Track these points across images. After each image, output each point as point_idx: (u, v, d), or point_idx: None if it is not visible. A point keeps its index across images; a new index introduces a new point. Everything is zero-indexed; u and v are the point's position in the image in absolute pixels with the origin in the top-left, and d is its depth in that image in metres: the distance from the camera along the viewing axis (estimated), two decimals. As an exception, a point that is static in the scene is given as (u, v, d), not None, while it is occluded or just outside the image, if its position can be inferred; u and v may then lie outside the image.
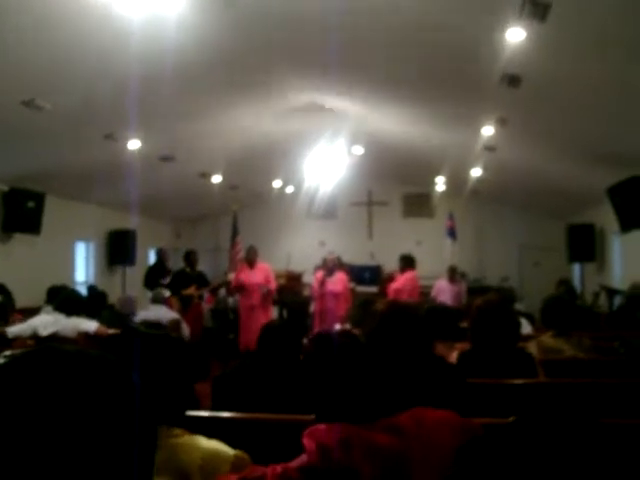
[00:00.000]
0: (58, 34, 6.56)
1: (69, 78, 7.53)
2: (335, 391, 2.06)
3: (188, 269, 11.64)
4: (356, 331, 3.59)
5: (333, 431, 1.92)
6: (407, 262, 11.67)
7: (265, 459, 2.06)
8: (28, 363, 0.92)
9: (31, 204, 10.67)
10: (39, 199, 10.83)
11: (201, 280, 11.64)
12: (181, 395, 2.16)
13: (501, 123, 9.39)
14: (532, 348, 4.70)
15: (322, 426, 1.97)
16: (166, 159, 11.61)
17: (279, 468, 1.90)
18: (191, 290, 11.08)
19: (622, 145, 9.11)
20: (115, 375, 0.96)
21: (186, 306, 10.72)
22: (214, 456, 2.07)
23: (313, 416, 2.56)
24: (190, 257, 11.78)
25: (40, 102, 7.84)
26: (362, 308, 4.75)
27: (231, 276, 12.01)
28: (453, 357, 4.16)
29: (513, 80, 7.53)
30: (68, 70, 7.33)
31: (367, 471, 1.81)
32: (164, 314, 8.03)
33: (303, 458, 1.90)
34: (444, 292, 12.37)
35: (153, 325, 2.11)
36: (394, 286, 11.38)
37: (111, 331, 6.49)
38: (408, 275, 11.49)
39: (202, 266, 12.86)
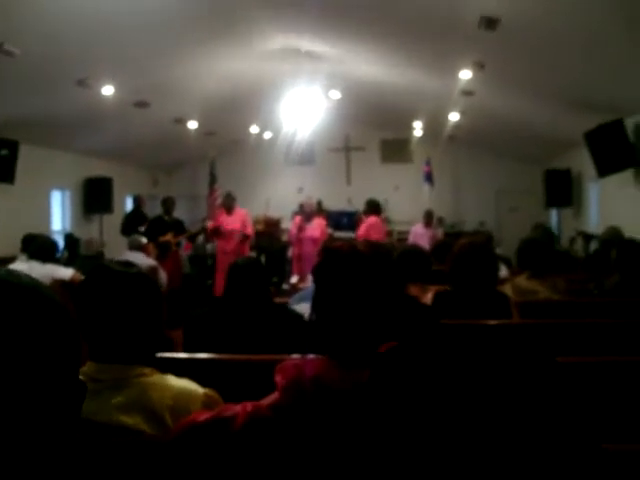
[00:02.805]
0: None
1: (39, 22, 7.35)
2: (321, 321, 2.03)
3: (166, 216, 11.56)
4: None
5: (306, 367, 1.89)
6: (371, 207, 11.28)
7: (237, 399, 2.06)
8: None
9: (4, 152, 10.49)
10: (12, 147, 10.64)
11: (178, 227, 11.56)
12: (151, 335, 2.15)
13: (479, 67, 9.31)
14: (507, 290, 4.74)
15: (294, 362, 1.95)
16: (141, 105, 11.45)
17: (250, 406, 1.88)
18: (168, 237, 11.02)
19: (599, 90, 9.11)
20: (38, 305, 0.93)
21: (164, 253, 10.68)
22: (184, 395, 2.06)
23: (284, 356, 2.55)
24: (167, 203, 11.67)
25: (9, 47, 7.67)
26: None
27: (209, 223, 11.95)
28: (427, 298, 4.18)
29: (490, 22, 7.45)
30: (37, 14, 7.16)
31: (339, 408, 1.80)
32: (141, 260, 7.98)
33: (275, 395, 1.89)
34: (421, 237, 12.36)
35: (125, 264, 2.07)
36: (360, 232, 11.06)
37: (87, 277, 6.45)
38: (371, 221, 11.06)
39: (180, 213, 12.79)
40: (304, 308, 3.75)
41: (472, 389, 0.70)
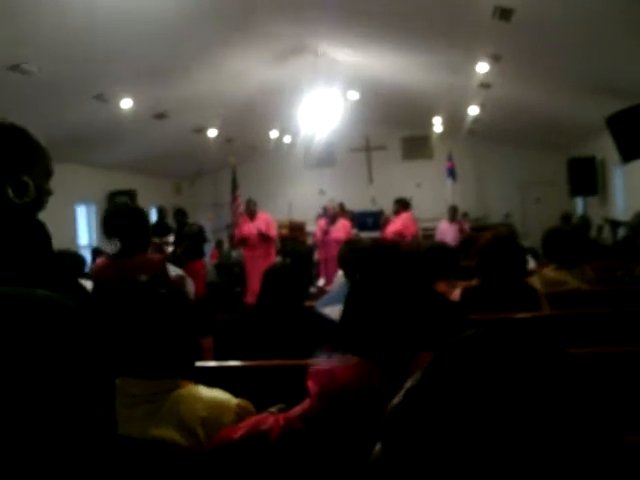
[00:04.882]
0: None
1: (53, 39, 7.41)
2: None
3: (186, 228, 11.42)
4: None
5: (339, 373, 1.82)
6: (401, 204, 11.88)
7: (270, 405, 2.04)
8: None
9: (27, 169, 10.56)
10: (35, 164, 10.70)
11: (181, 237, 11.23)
12: (183, 348, 2.15)
13: (495, 59, 9.26)
14: (535, 282, 4.68)
15: (327, 367, 1.88)
16: (160, 116, 11.52)
17: (282, 419, 1.83)
18: (178, 251, 10.83)
19: (620, 75, 9.00)
20: (60, 318, 0.93)
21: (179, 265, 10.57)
22: (217, 406, 2.06)
23: (315, 360, 2.52)
24: (178, 216, 11.59)
25: (27, 66, 7.75)
26: (349, 248, 4.72)
27: (236, 231, 11.87)
28: (456, 295, 4.15)
29: (505, 13, 7.40)
30: (52, 31, 7.22)
31: (371, 418, 1.74)
32: (168, 271, 7.97)
33: (305, 404, 1.83)
34: (446, 233, 12.39)
35: (155, 282, 2.10)
36: (391, 229, 11.50)
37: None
38: (404, 216, 11.68)
39: (204, 221, 12.82)
40: (331, 311, 3.74)
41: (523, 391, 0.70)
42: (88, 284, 6.84)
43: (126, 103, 10.13)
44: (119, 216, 4.31)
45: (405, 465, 0.70)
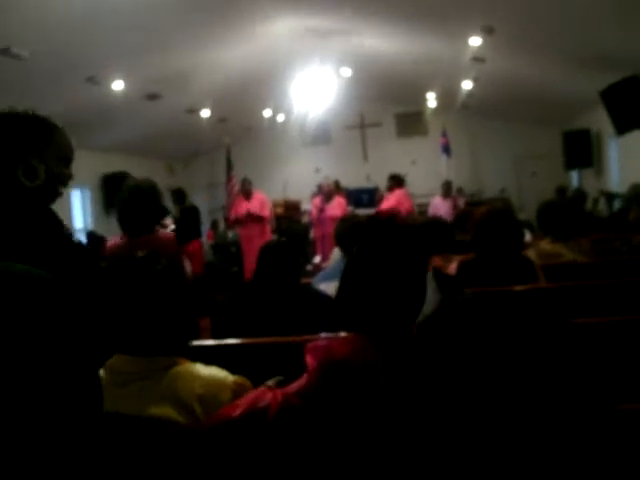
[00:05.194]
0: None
1: (43, 22, 7.35)
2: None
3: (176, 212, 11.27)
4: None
5: (336, 348, 1.82)
6: (395, 181, 11.77)
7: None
8: None
9: (20, 154, 10.51)
10: (28, 148, 10.64)
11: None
12: (180, 326, 2.14)
13: (488, 32, 9.20)
14: (531, 254, 4.68)
15: (325, 342, 1.87)
16: (152, 97, 11.45)
17: (280, 395, 1.81)
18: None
19: (613, 47, 8.97)
20: (38, 291, 0.92)
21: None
22: (214, 384, 2.05)
23: (313, 336, 2.52)
24: (175, 198, 11.45)
25: (17, 50, 7.68)
26: (345, 224, 4.70)
27: (231, 212, 11.84)
28: (452, 269, 4.15)
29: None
30: (41, 14, 7.15)
31: (371, 392, 1.74)
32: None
33: (302, 380, 1.82)
34: (440, 208, 12.36)
35: (152, 258, 2.08)
36: (385, 205, 11.45)
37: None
38: (398, 193, 11.59)
39: (199, 202, 12.76)
40: (327, 287, 3.74)
41: (502, 355, 0.69)
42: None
43: (118, 85, 10.07)
44: (138, 194, 4.35)
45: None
